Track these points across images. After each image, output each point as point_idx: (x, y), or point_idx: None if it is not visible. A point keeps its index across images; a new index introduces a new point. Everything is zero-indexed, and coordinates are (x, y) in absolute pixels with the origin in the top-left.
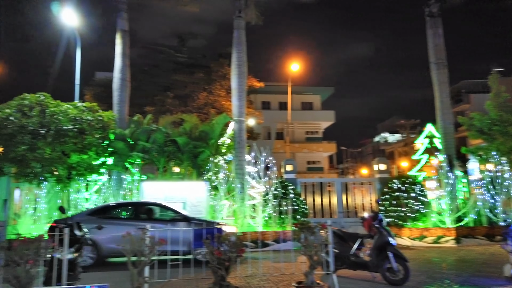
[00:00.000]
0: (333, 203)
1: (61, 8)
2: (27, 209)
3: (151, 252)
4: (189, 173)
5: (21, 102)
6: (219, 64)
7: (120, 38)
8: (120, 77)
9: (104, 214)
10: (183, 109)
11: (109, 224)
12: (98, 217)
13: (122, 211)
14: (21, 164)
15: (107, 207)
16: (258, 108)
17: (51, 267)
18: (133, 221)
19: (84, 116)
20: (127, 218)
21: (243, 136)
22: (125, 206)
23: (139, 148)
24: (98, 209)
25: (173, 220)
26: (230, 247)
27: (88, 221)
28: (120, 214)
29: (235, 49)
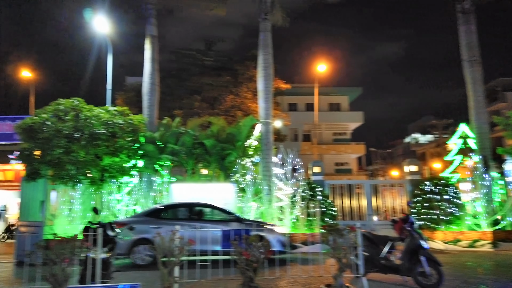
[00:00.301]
0: (363, 206)
1: (93, 15)
2: (62, 210)
3: (181, 253)
4: (216, 175)
5: (56, 107)
6: (245, 67)
7: (150, 43)
8: (150, 81)
9: (159, 215)
10: (210, 112)
11: (165, 224)
12: (154, 218)
13: (176, 212)
14: (57, 167)
15: (162, 208)
16: (284, 109)
17: (86, 266)
18: (188, 221)
19: (116, 120)
20: (181, 218)
21: (270, 138)
22: (179, 207)
23: (168, 151)
24: (154, 210)
25: (225, 221)
26: (258, 249)
27: (145, 221)
28: (174, 214)
29: (261, 52)
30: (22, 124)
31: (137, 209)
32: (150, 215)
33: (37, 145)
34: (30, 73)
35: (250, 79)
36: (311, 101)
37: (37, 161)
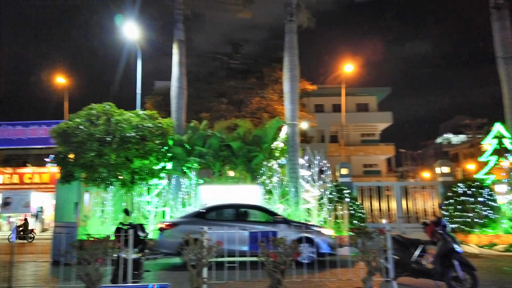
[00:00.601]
0: (392, 208)
1: (123, 21)
2: (95, 211)
3: (209, 254)
4: (243, 177)
5: (89, 112)
6: (271, 69)
7: (177, 48)
8: (178, 85)
9: (207, 215)
10: (237, 114)
11: (213, 225)
12: (202, 219)
13: (224, 213)
14: (90, 170)
15: (211, 209)
16: (311, 111)
17: (118, 266)
18: (236, 222)
19: (145, 124)
20: (230, 219)
21: (296, 139)
22: (226, 208)
23: (196, 153)
24: (202, 211)
25: (273, 222)
26: (285, 251)
27: (194, 222)
28: (222, 215)
29: (287, 53)
30: (57, 129)
31: (166, 210)
32: (198, 216)
33: (71, 148)
34: (64, 79)
35: (276, 81)
36: (338, 102)
37: (71, 164)
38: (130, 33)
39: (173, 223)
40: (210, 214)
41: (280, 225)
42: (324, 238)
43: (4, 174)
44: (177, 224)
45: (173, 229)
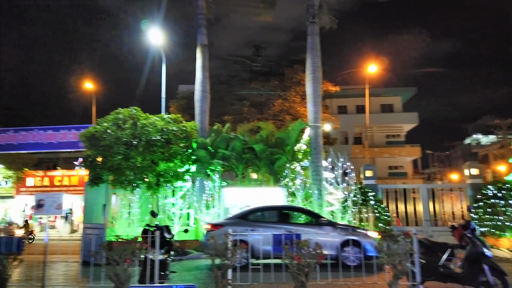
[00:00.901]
0: (419, 211)
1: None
2: (122, 213)
3: (234, 256)
4: (266, 179)
5: (116, 116)
6: (293, 71)
7: (200, 52)
8: (201, 89)
9: (251, 217)
10: (259, 117)
11: (259, 226)
12: (247, 220)
13: (268, 215)
14: (117, 172)
15: (255, 211)
16: (334, 112)
17: (145, 267)
18: (281, 224)
19: (170, 127)
20: (274, 221)
21: (319, 141)
22: (270, 209)
23: (219, 156)
24: (247, 212)
25: (319, 225)
26: (309, 253)
27: (239, 224)
28: (266, 217)
29: (309, 55)
30: (85, 133)
31: (191, 212)
32: (242, 218)
33: (99, 152)
34: (92, 84)
35: (298, 83)
36: (362, 103)
37: (99, 167)
38: (154, 38)
39: (218, 224)
40: (253, 216)
41: (325, 227)
42: (370, 241)
43: (35, 177)
44: (223, 225)
45: (218, 230)
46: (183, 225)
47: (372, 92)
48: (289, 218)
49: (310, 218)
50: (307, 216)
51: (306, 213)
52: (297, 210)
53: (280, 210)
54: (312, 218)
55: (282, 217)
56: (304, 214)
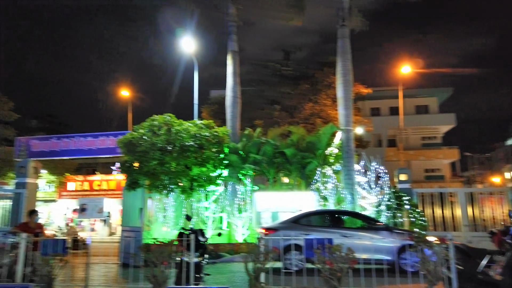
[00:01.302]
0: (457, 215)
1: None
2: (157, 216)
3: (266, 259)
4: (297, 183)
5: (151, 123)
6: (324, 74)
7: (231, 58)
8: (232, 94)
9: (305, 221)
10: (290, 121)
11: (313, 231)
12: (300, 224)
13: (322, 219)
14: (153, 177)
15: (308, 215)
16: (366, 115)
17: (181, 269)
18: (335, 228)
19: (203, 133)
20: (329, 225)
21: (351, 145)
22: (324, 214)
23: (251, 160)
24: (300, 216)
25: (375, 229)
26: (341, 258)
27: (293, 227)
28: (320, 221)
29: (340, 58)
30: (123, 139)
31: (223, 216)
32: (295, 222)
33: (136, 157)
34: (128, 92)
35: (329, 86)
36: (395, 104)
37: (136, 172)
38: (187, 46)
39: (272, 228)
40: (306, 220)
41: (381, 232)
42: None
43: (76, 181)
44: (277, 229)
45: (272, 234)
46: (216, 229)
47: (406, 93)
48: (343, 222)
49: (365, 222)
50: (361, 221)
51: (361, 218)
52: (352, 214)
53: (334, 214)
54: (367, 222)
55: (336, 222)
56: (359, 218)
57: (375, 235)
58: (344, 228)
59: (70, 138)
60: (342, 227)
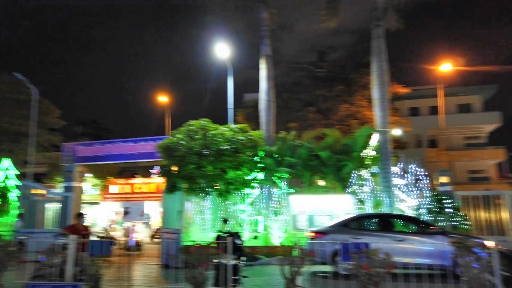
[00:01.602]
0: (504, 219)
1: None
2: (195, 219)
3: (302, 263)
4: (333, 186)
5: (188, 128)
6: (359, 74)
7: (264, 62)
8: (266, 98)
9: (355, 225)
10: (324, 122)
11: (363, 235)
12: (350, 228)
13: (372, 223)
14: (190, 180)
15: (357, 218)
16: (404, 115)
17: (219, 271)
18: (387, 232)
19: (238, 137)
20: (381, 229)
21: (388, 147)
22: (374, 217)
23: (285, 164)
24: (349, 220)
25: (429, 233)
26: (378, 263)
27: (342, 231)
28: (370, 225)
29: (375, 59)
30: (162, 144)
31: (259, 219)
32: (344, 225)
33: (174, 161)
34: (166, 98)
35: (364, 87)
36: (435, 103)
37: (175, 176)
38: (221, 51)
39: (322, 231)
40: (356, 224)
41: (437, 236)
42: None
43: (118, 184)
44: (326, 233)
45: (322, 237)
46: (252, 232)
47: (447, 91)
48: (395, 226)
49: (419, 226)
50: (415, 225)
51: (415, 222)
52: (406, 218)
53: (386, 218)
54: (421, 226)
55: (388, 225)
56: (413, 222)
57: (430, 239)
58: (397, 232)
59: (112, 143)
60: (395, 231)
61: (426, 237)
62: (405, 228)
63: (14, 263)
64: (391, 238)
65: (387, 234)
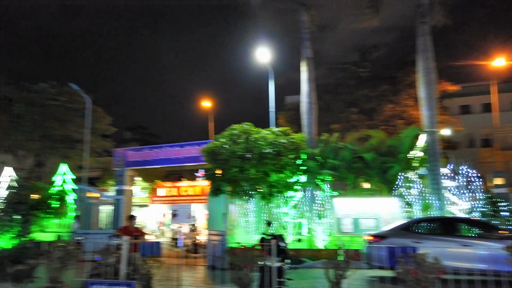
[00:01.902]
0: None
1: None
2: (239, 221)
3: (347, 266)
4: (379, 189)
5: (231, 132)
6: (404, 73)
7: (305, 65)
8: (307, 101)
9: (416, 228)
10: (368, 124)
11: (426, 239)
12: (412, 232)
13: (436, 226)
14: (234, 184)
15: (418, 222)
16: (455, 113)
17: (263, 273)
18: (452, 237)
19: (280, 140)
20: (444, 233)
21: (436, 148)
22: (439, 221)
23: (328, 166)
24: (410, 223)
25: (499, 238)
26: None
27: (402, 235)
28: (434, 229)
29: (421, 57)
30: (206, 148)
31: (303, 222)
32: (405, 229)
33: (218, 165)
34: (209, 102)
35: (410, 85)
36: (489, 100)
37: (219, 179)
38: (262, 55)
39: (381, 235)
40: (417, 227)
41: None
42: None
43: (165, 187)
44: (385, 236)
45: (381, 241)
46: (296, 235)
47: (500, 88)
48: (460, 230)
49: (486, 230)
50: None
51: (482, 225)
52: (472, 222)
53: (449, 222)
54: (489, 230)
55: (452, 229)
56: (479, 226)
57: (499, 244)
58: (462, 237)
59: (159, 148)
60: (460, 236)
61: (497, 242)
62: (470, 232)
63: (73, 262)
64: (457, 243)
65: (452, 238)
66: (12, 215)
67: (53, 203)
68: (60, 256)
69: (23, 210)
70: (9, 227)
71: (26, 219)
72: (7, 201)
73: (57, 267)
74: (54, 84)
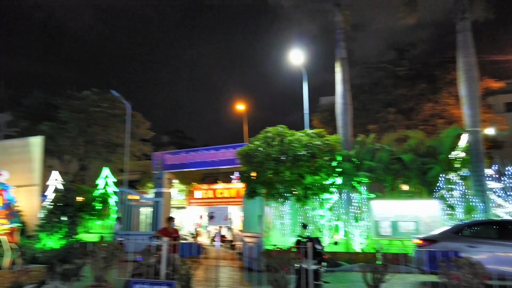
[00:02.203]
0: None
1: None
2: (275, 223)
3: (386, 270)
4: (418, 191)
5: (265, 135)
6: (444, 70)
7: (340, 66)
8: (342, 102)
9: (469, 232)
10: (406, 123)
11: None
12: (464, 236)
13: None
14: (269, 186)
15: (472, 225)
16: (500, 111)
17: (300, 276)
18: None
19: (314, 142)
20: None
21: (479, 148)
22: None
23: (365, 168)
24: (462, 226)
25: None
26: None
27: (454, 239)
28: (490, 233)
29: (461, 54)
30: (241, 151)
31: (339, 224)
32: (457, 232)
33: (253, 168)
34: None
35: (450, 83)
36: None
37: (254, 181)
38: (296, 57)
39: (431, 239)
40: (470, 231)
41: None
42: None
43: (201, 190)
44: (436, 240)
45: (432, 245)
46: (332, 237)
47: None
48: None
49: None
50: None
51: None
52: None
53: (504, 225)
54: None
55: (507, 233)
56: None
57: None
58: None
59: (196, 151)
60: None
61: None
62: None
63: (116, 262)
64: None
65: (509, 242)
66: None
67: (97, 205)
68: (104, 256)
69: (70, 212)
70: (58, 228)
71: (73, 221)
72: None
73: (102, 267)
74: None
